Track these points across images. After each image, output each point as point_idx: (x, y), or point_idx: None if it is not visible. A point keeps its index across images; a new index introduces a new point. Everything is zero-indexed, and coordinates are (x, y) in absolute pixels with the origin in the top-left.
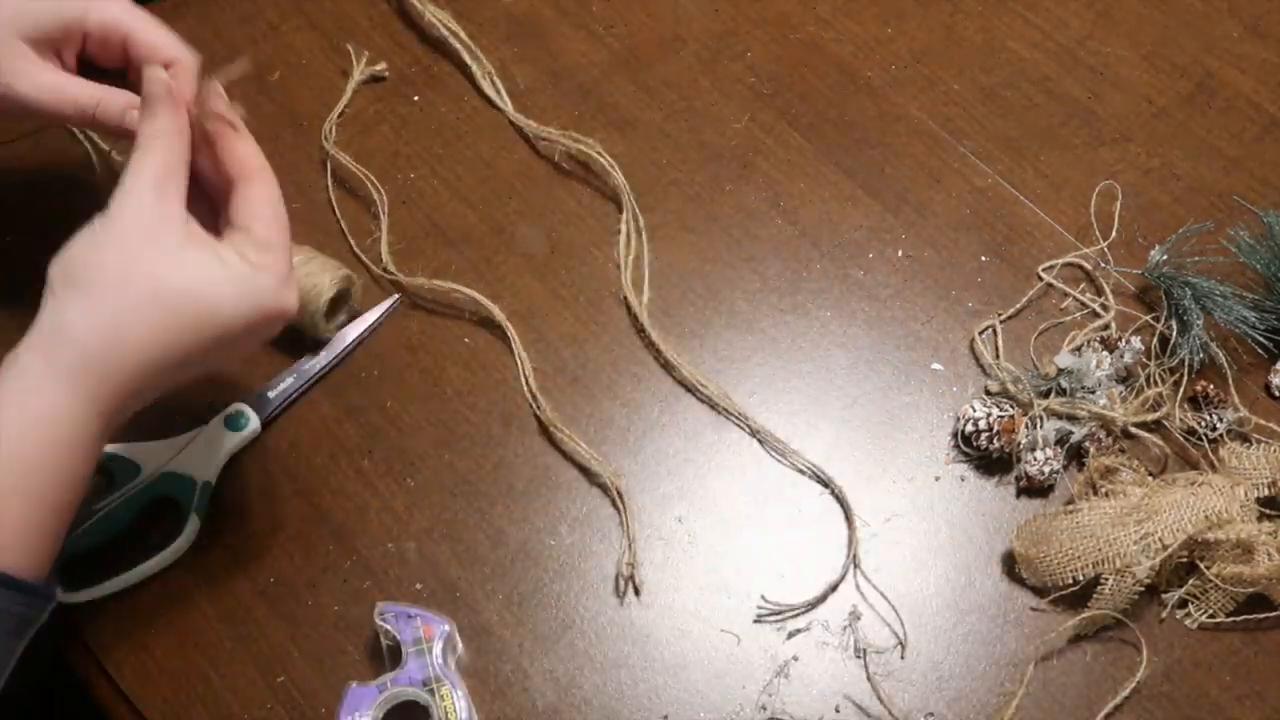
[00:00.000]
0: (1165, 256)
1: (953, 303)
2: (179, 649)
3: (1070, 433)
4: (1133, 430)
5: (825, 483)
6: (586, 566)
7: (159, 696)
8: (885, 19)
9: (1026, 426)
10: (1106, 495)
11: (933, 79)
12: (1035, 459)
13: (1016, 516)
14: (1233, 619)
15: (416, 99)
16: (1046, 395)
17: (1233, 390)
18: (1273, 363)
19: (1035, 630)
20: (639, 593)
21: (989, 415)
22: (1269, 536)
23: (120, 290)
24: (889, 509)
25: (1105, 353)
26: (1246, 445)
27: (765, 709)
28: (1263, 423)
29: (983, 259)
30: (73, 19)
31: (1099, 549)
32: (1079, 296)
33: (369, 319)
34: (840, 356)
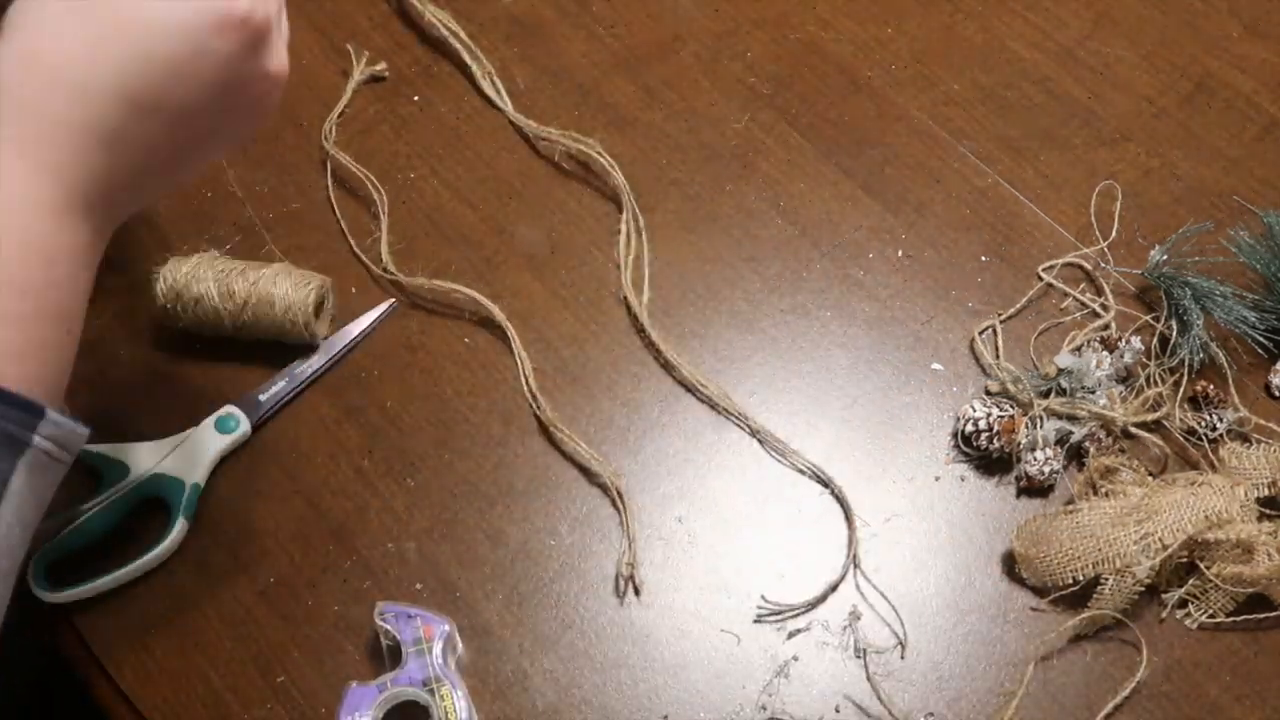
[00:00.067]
0: (1165, 256)
1: (953, 303)
2: (179, 649)
3: (1070, 433)
4: (1133, 430)
5: (825, 483)
6: (586, 566)
7: (159, 696)
8: (885, 19)
9: (1026, 426)
10: (1106, 495)
11: (933, 79)
12: (1035, 459)
13: (1016, 516)
14: (1233, 619)
15: (416, 99)
16: (1046, 395)
17: (1233, 390)
18: (1273, 363)
19: (1035, 630)
20: (639, 593)
21: (989, 415)
22: (1269, 536)
23: (38, 13)
24: (889, 509)
25: (1105, 353)
26: (1246, 445)
27: (765, 709)
28: (1263, 423)
29: (983, 259)
30: None
31: (1099, 549)
32: (1079, 296)
33: (363, 323)
34: (840, 356)
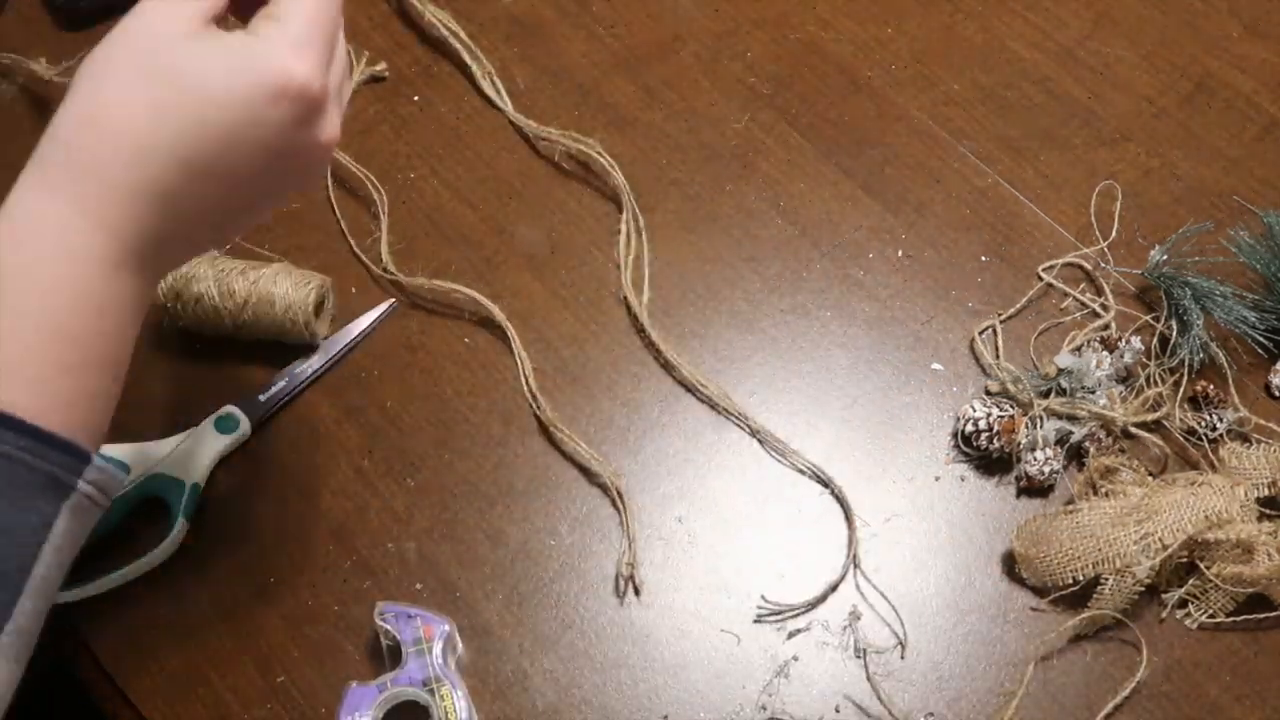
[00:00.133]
0: (1165, 256)
1: (953, 303)
2: (179, 649)
3: (1070, 433)
4: (1133, 430)
5: (825, 483)
6: (586, 566)
7: (159, 696)
8: (885, 19)
9: (1026, 426)
10: (1106, 495)
11: (933, 79)
12: (1035, 459)
13: (1016, 516)
14: (1233, 619)
15: (416, 99)
16: (1046, 395)
17: (1233, 390)
18: (1273, 363)
19: (1035, 630)
20: (639, 593)
21: (989, 415)
22: (1269, 536)
23: (102, 79)
24: (889, 509)
25: (1105, 353)
26: (1246, 445)
27: (765, 709)
28: (1263, 423)
29: (983, 259)
30: None
31: (1099, 549)
32: (1079, 296)
33: (363, 323)
34: (840, 356)
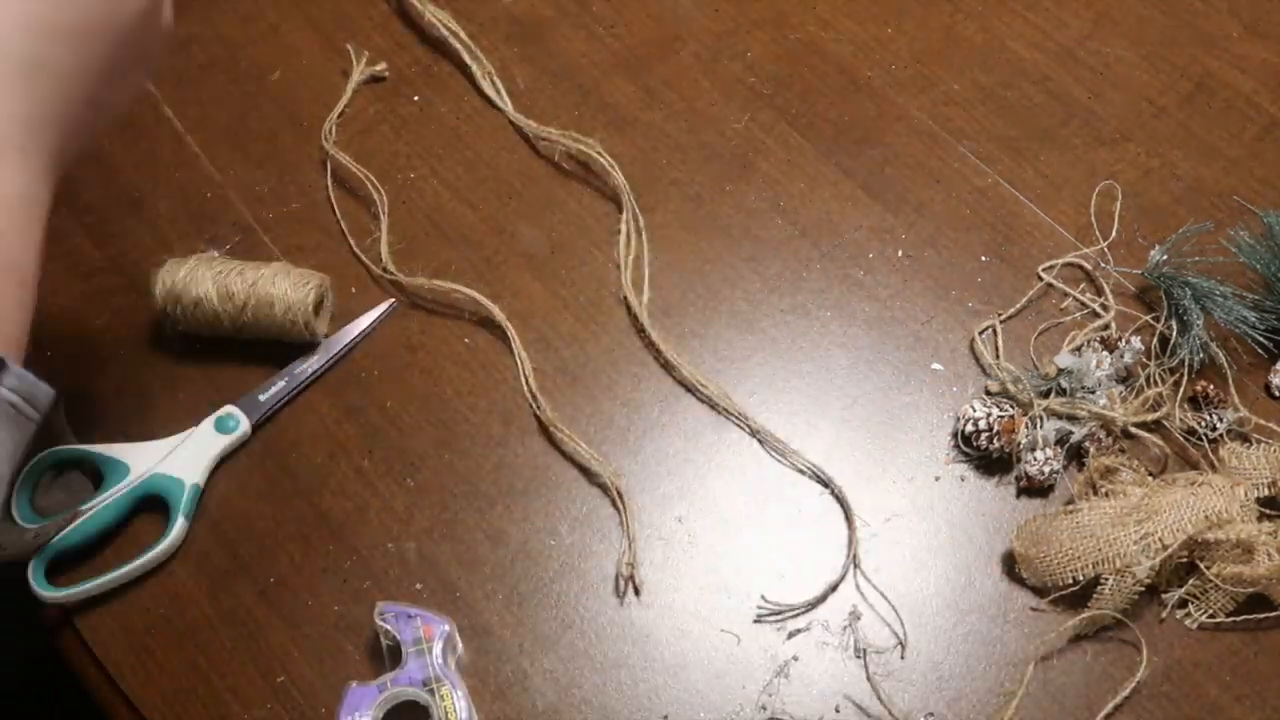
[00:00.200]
0: (1165, 256)
1: (953, 303)
2: (179, 649)
3: (1070, 433)
4: (1133, 430)
5: (825, 483)
6: (586, 566)
7: (159, 696)
8: (885, 19)
9: (1026, 426)
10: (1106, 495)
11: (933, 79)
12: (1035, 459)
13: (1016, 516)
14: (1233, 619)
15: (416, 99)
16: (1046, 395)
17: (1233, 390)
18: (1273, 363)
19: (1035, 630)
20: (639, 593)
21: (989, 415)
22: (1269, 536)
23: None
24: (889, 509)
25: (1105, 353)
26: (1246, 445)
27: (765, 709)
28: (1263, 423)
29: (983, 259)
30: None
31: (1099, 549)
32: (1079, 296)
33: (363, 323)
34: (840, 356)
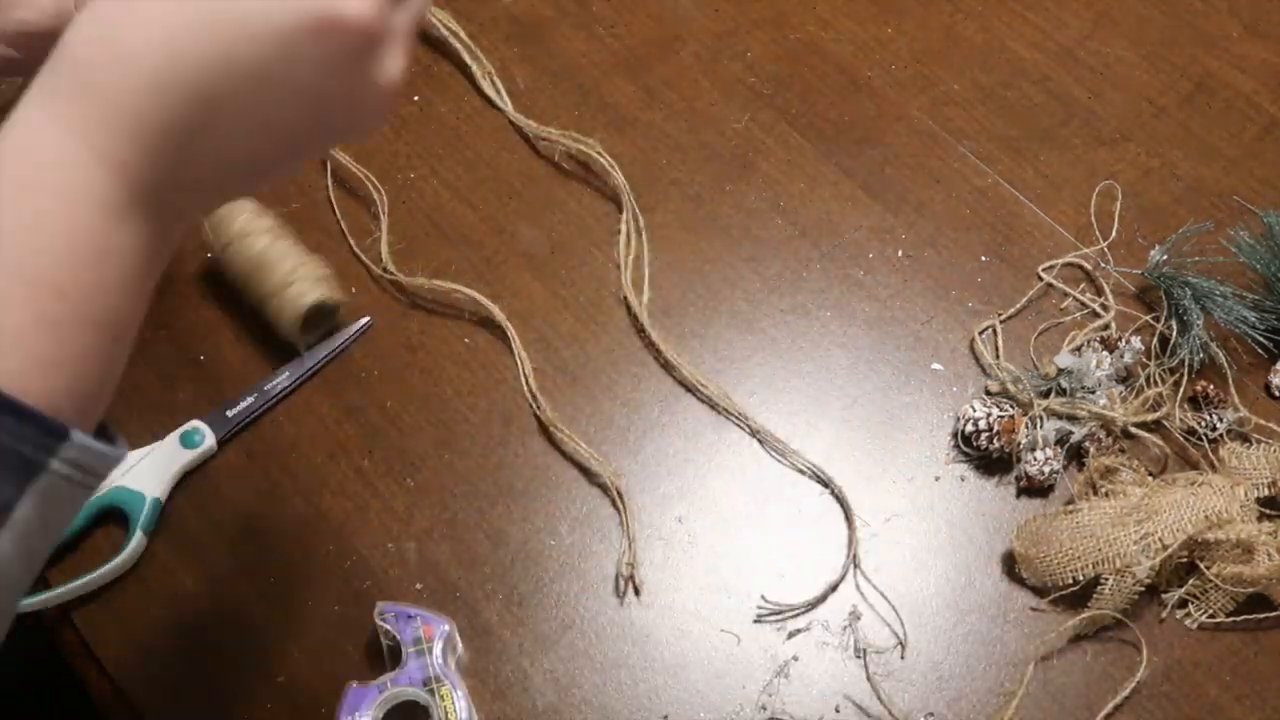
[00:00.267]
0: (1165, 256)
1: (953, 303)
2: (179, 649)
3: (1070, 433)
4: (1133, 430)
5: (825, 483)
6: (586, 566)
7: (159, 696)
8: (885, 19)
9: (1026, 426)
10: (1106, 495)
11: (933, 79)
12: (1035, 459)
13: (1016, 516)
14: (1233, 619)
15: (416, 99)
16: (1046, 395)
17: (1233, 390)
18: (1273, 363)
19: (1035, 630)
20: (639, 593)
21: (989, 415)
22: (1269, 536)
23: None
24: (889, 509)
25: (1105, 353)
26: (1246, 445)
27: (765, 709)
28: (1263, 423)
29: (983, 259)
30: None
31: (1099, 549)
32: (1079, 296)
33: (335, 341)
34: (840, 356)
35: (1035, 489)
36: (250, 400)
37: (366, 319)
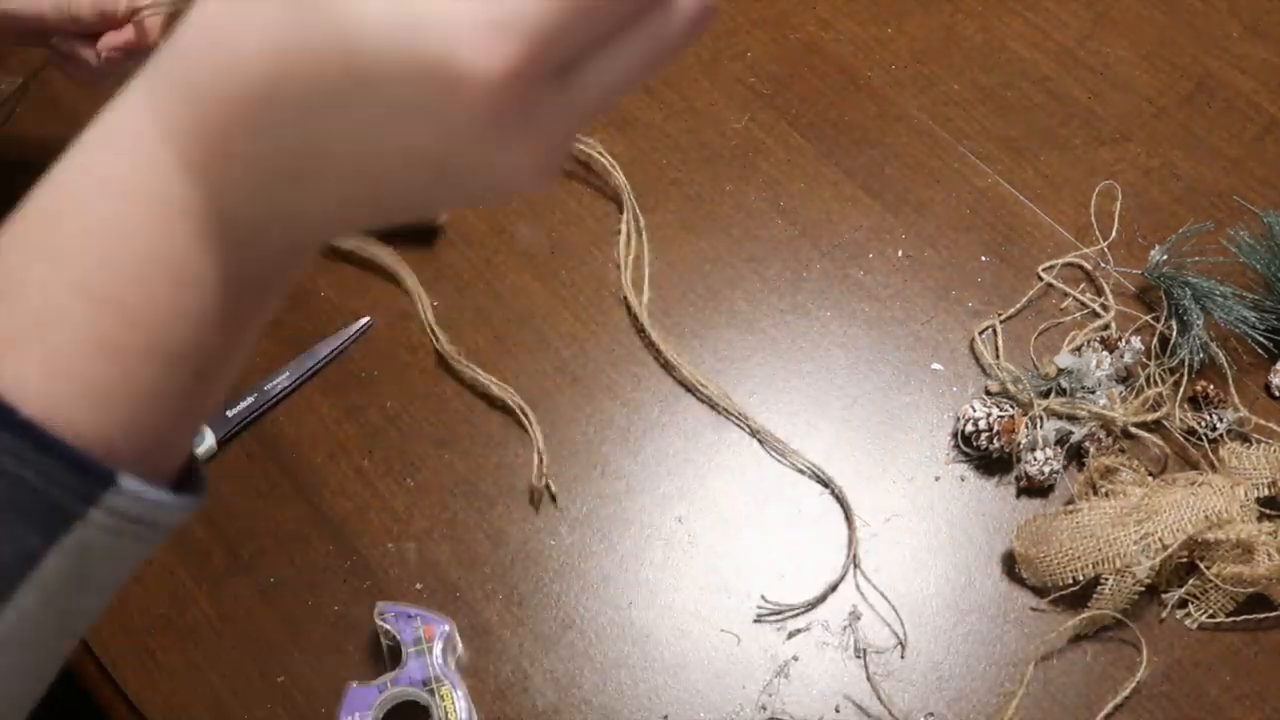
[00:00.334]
0: (1165, 256)
1: (953, 303)
2: (179, 649)
3: (1070, 433)
4: (1133, 430)
5: (825, 483)
6: (586, 566)
7: (159, 696)
8: (885, 19)
9: (1026, 426)
10: (1106, 495)
11: (933, 79)
12: (1035, 459)
13: (1016, 516)
14: (1233, 619)
15: None
16: (1046, 395)
17: (1233, 390)
18: (1273, 363)
19: (1035, 630)
20: (555, 500)
21: (989, 415)
22: (1269, 536)
23: None
24: (889, 509)
25: (1105, 353)
26: (1246, 445)
27: (765, 709)
28: (1263, 423)
29: (983, 259)
30: None
31: (1099, 549)
32: (1079, 296)
33: (334, 341)
34: (840, 356)
35: (1035, 489)
36: (250, 400)
37: (366, 319)
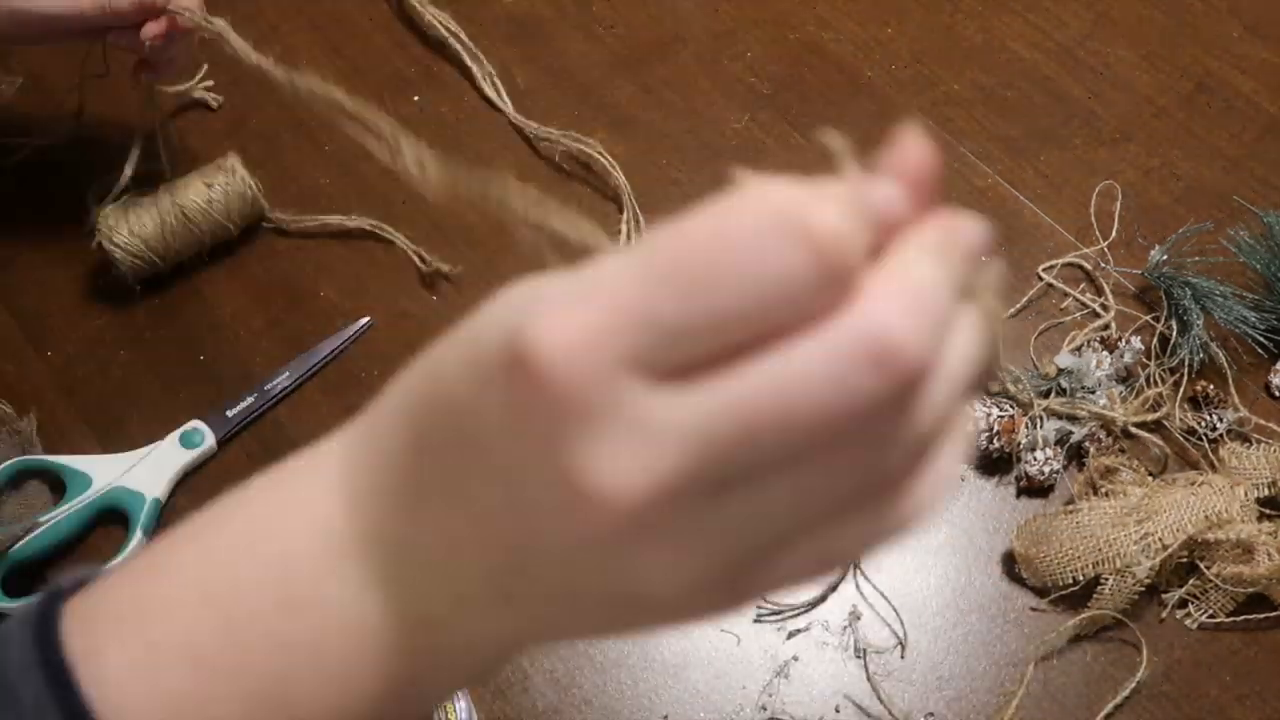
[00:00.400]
0: (1165, 256)
1: None
2: None
3: (1070, 433)
4: (1133, 430)
5: None
6: None
7: None
8: (885, 19)
9: (1026, 426)
10: (1106, 495)
11: (933, 79)
12: (1035, 459)
13: (1016, 516)
14: (1233, 619)
15: (416, 99)
16: (1046, 395)
17: (1233, 390)
18: (1273, 363)
19: (1035, 630)
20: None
21: (989, 415)
22: (1269, 536)
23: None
24: None
25: (1105, 353)
26: (1246, 445)
27: (765, 709)
28: (1263, 423)
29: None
30: None
31: (1099, 549)
32: (1079, 296)
33: (334, 341)
34: None
35: (1035, 489)
36: (250, 400)
37: (366, 319)
